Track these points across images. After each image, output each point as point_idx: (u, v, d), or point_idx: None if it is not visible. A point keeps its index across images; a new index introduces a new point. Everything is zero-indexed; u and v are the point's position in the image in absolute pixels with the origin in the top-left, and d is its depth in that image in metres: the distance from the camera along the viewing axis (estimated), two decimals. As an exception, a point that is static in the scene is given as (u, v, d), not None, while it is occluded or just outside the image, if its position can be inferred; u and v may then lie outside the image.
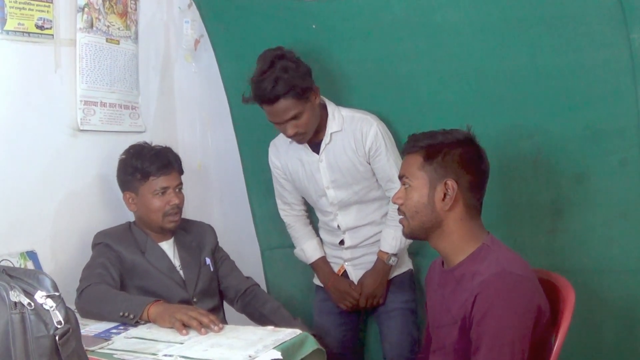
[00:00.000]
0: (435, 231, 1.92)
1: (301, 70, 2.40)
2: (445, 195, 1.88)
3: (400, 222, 1.99)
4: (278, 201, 2.82)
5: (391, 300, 2.70)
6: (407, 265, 2.73)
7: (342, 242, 2.70)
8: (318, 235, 2.82)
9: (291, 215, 2.82)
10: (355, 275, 2.72)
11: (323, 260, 2.77)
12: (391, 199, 2.09)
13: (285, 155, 2.66)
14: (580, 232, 2.43)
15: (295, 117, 2.41)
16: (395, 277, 2.70)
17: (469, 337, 1.80)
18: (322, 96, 2.55)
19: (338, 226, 2.67)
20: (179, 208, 2.48)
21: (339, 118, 2.55)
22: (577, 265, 2.40)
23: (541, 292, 1.84)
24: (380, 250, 2.62)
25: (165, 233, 2.52)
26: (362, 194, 2.61)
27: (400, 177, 1.98)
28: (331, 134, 2.54)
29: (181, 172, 2.53)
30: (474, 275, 1.82)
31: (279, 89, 2.35)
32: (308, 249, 2.78)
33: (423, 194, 1.90)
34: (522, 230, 2.50)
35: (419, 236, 1.98)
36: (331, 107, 2.57)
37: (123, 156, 2.50)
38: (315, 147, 2.58)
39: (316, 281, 2.84)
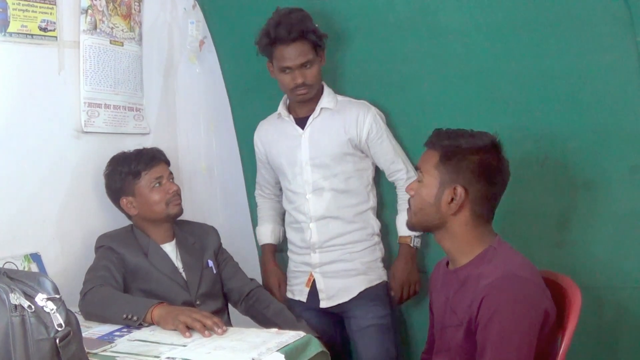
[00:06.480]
0: (439, 230, 1.92)
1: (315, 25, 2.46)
2: (452, 200, 1.86)
3: (407, 211, 2.00)
4: (257, 184, 2.85)
5: (363, 316, 2.55)
6: (380, 277, 2.59)
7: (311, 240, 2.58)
8: (282, 224, 2.79)
9: (260, 196, 2.85)
10: (325, 285, 2.57)
11: (269, 247, 2.79)
12: (405, 189, 2.06)
13: (273, 129, 2.65)
14: (590, 244, 2.32)
15: (305, 65, 2.44)
16: (367, 289, 2.55)
17: (474, 340, 1.79)
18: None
19: (307, 212, 2.56)
20: (178, 195, 2.50)
21: (333, 98, 2.56)
22: (588, 281, 2.16)
23: (548, 295, 1.82)
24: (401, 236, 2.57)
25: (170, 225, 2.53)
26: (340, 179, 2.54)
27: (417, 168, 1.97)
28: (321, 108, 2.54)
29: (168, 163, 2.56)
30: (480, 277, 1.81)
31: (298, 28, 2.40)
32: (262, 231, 2.81)
33: (431, 193, 1.88)
34: (527, 242, 2.33)
35: (420, 230, 2.01)
36: (327, 88, 2.58)
37: (107, 170, 2.52)
38: (302, 122, 2.58)
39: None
